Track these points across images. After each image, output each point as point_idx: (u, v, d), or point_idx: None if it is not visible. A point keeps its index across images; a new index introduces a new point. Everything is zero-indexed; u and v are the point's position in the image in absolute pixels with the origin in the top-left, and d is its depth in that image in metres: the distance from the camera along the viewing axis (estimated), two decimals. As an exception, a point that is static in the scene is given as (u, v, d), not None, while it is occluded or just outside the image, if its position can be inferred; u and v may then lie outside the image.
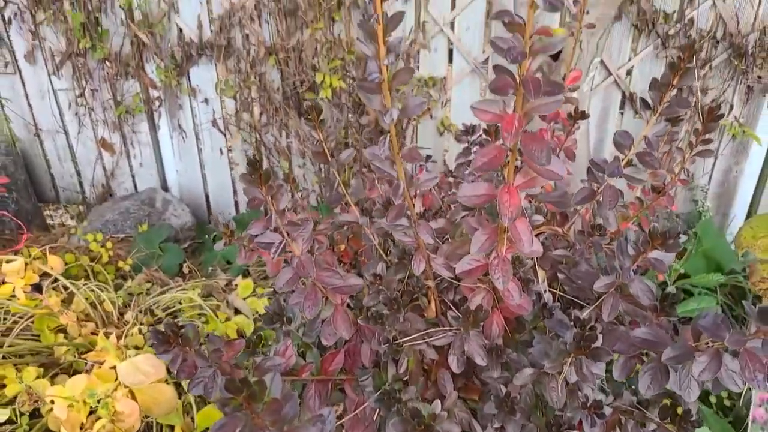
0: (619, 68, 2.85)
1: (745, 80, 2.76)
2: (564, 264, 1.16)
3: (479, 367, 1.12)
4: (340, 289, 1.14)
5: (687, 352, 0.92)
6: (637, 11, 2.69)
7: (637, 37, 2.80)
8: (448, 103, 3.01)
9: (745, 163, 3.00)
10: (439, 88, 2.96)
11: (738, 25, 2.63)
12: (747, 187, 3.04)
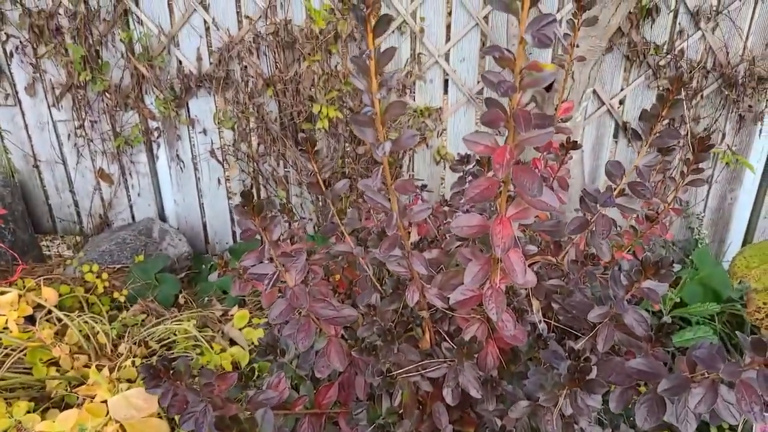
0: (612, 98, 2.89)
1: (736, 109, 2.79)
2: (558, 294, 1.16)
3: (474, 399, 1.11)
4: (334, 321, 1.14)
5: (683, 383, 0.91)
6: (628, 43, 2.74)
7: (629, 68, 2.85)
8: (444, 133, 3.04)
9: (740, 190, 3.02)
10: (435, 118, 2.99)
11: (727, 56, 2.68)
12: (742, 215, 3.05)
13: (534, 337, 1.10)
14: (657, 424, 0.98)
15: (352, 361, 1.19)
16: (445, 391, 1.06)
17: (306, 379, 1.26)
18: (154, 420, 1.50)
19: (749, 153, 2.93)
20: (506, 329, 1.01)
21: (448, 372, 1.02)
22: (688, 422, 0.92)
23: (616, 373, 1.01)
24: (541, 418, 0.95)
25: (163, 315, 2.45)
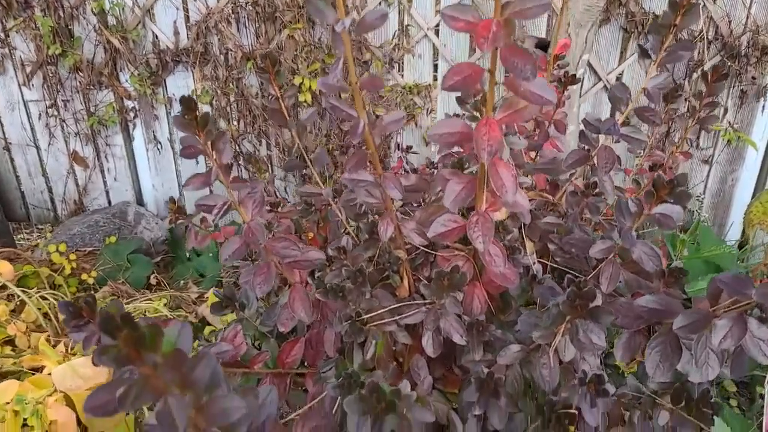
0: (608, 73, 2.77)
1: (738, 83, 2.67)
2: (555, 234, 1.02)
3: (459, 350, 0.96)
4: (298, 264, 0.99)
5: (704, 318, 0.77)
6: (625, 14, 2.62)
7: (626, 41, 2.72)
8: (434, 111, 2.91)
9: (742, 169, 2.89)
10: (424, 96, 2.86)
11: (730, 26, 2.56)
12: (744, 194, 2.92)
13: (527, 280, 0.95)
14: (670, 372, 0.83)
15: (320, 312, 1.04)
16: (424, 340, 0.91)
17: (269, 337, 1.11)
18: (106, 395, 1.34)
19: (751, 130, 2.81)
20: (495, 264, 0.86)
21: (427, 315, 0.87)
22: (709, 365, 0.77)
23: (623, 315, 0.86)
24: (535, 364, 0.80)
25: (134, 296, 2.29)
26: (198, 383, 0.55)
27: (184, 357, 0.52)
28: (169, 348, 0.52)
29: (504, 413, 0.82)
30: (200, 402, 0.58)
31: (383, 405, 0.67)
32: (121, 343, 0.48)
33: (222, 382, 0.62)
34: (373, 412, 0.68)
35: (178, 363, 0.52)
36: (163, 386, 0.53)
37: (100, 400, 0.51)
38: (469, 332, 0.87)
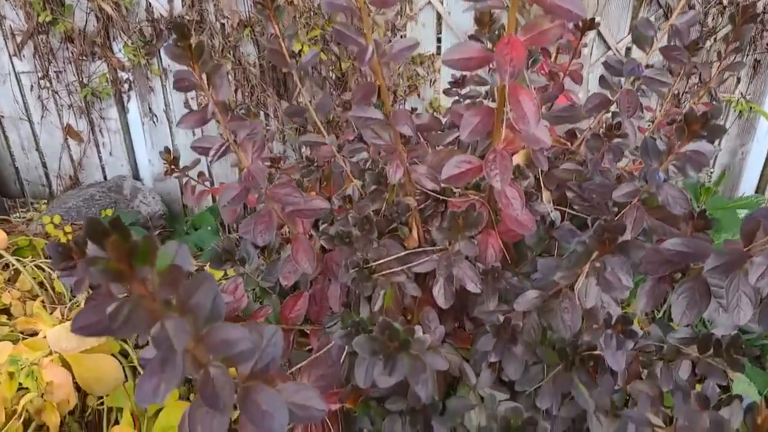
0: (618, 42, 2.70)
1: (753, 52, 2.60)
2: (573, 181, 0.96)
3: (471, 306, 0.92)
4: (301, 213, 0.94)
5: (738, 257, 0.71)
6: (635, -22, 2.55)
7: (637, 10, 2.65)
8: (437, 82, 2.84)
9: (752, 142, 2.83)
10: (427, 66, 2.79)
11: (742, -9, 2.49)
12: (754, 166, 2.86)
13: (544, 228, 0.90)
14: (697, 319, 0.78)
15: (324, 266, 0.99)
16: (435, 289, 0.86)
17: (272, 293, 1.06)
18: (104, 357, 1.29)
19: (764, 101, 2.74)
20: (512, 208, 0.81)
21: (439, 261, 0.82)
22: (741, 309, 0.72)
23: (647, 262, 0.81)
24: (555, 311, 0.75)
25: (130, 269, 2.23)
26: (198, 309, 0.50)
27: (182, 275, 0.47)
28: (166, 265, 0.47)
29: (520, 362, 0.77)
30: (200, 331, 0.53)
31: (396, 344, 0.62)
32: (110, 252, 0.42)
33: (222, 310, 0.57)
34: (385, 351, 0.63)
35: (176, 281, 0.47)
36: (160, 309, 0.48)
37: (88, 319, 0.46)
38: (483, 280, 0.82)
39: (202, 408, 0.57)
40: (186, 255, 0.50)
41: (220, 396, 0.53)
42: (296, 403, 0.64)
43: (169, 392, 0.49)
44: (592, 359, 0.66)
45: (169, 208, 3.05)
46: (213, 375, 0.54)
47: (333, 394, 0.78)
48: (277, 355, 0.64)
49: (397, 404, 0.83)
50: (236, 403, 0.60)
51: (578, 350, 0.67)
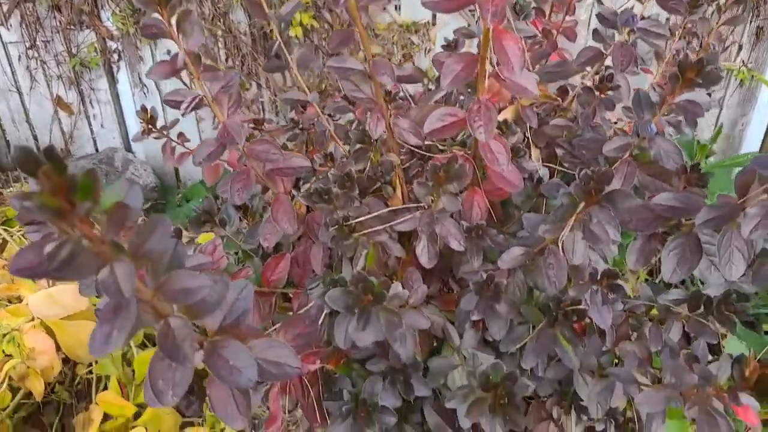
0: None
1: (755, 19, 2.54)
2: (563, 138, 0.93)
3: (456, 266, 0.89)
4: (281, 171, 0.90)
5: (731, 210, 0.68)
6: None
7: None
8: (432, 51, 2.78)
9: (753, 112, 2.79)
10: (422, 34, 2.73)
11: (745, -46, 2.42)
12: (754, 136, 2.82)
13: (532, 186, 0.87)
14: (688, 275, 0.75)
15: (306, 227, 0.96)
16: (418, 249, 0.83)
17: (253, 256, 1.03)
18: (89, 323, 1.27)
19: (766, 69, 2.69)
20: (497, 163, 0.78)
21: (421, 218, 0.79)
22: (733, 264, 0.70)
23: (637, 219, 0.78)
24: (540, 268, 0.73)
25: (121, 240, 2.21)
26: (153, 254, 0.47)
27: (130, 214, 0.44)
28: (112, 202, 0.44)
29: (504, 321, 0.75)
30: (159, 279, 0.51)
31: (370, 297, 0.60)
32: (44, 184, 0.39)
33: (183, 258, 0.54)
34: (359, 305, 0.60)
35: (123, 221, 0.44)
36: (108, 252, 0.45)
37: (27, 260, 0.43)
38: (467, 238, 0.79)
39: (164, 361, 0.55)
40: (138, 195, 0.47)
41: (180, 347, 0.51)
42: (269, 359, 0.62)
43: (123, 340, 0.47)
44: (576, 314, 0.64)
45: (162, 181, 3.02)
46: (174, 326, 0.52)
47: (312, 354, 0.76)
48: (247, 310, 0.61)
49: (378, 365, 0.80)
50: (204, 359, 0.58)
51: (562, 305, 0.65)
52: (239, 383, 0.56)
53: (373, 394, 0.78)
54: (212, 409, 0.61)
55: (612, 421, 0.98)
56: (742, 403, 0.52)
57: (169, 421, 1.43)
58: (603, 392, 0.75)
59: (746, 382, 0.50)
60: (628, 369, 0.68)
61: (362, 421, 0.76)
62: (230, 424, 0.60)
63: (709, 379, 0.55)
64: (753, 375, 0.49)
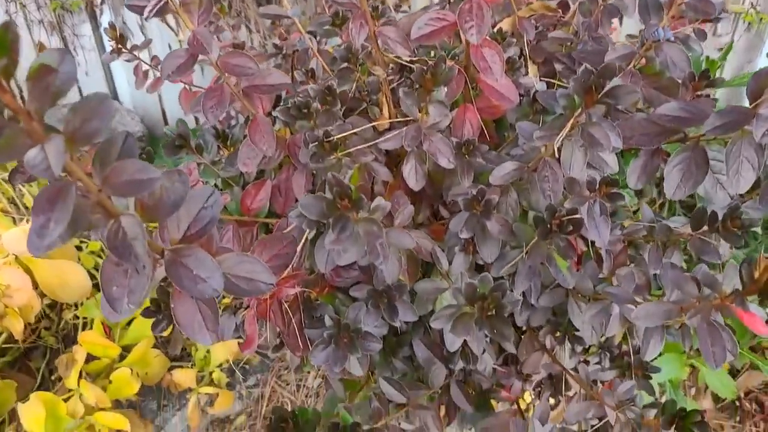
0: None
1: (764, -45, 2.42)
2: (563, 53, 0.86)
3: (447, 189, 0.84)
4: (258, 88, 0.84)
5: (741, 115, 0.63)
6: None
7: None
8: None
9: (759, 58, 2.69)
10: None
11: None
12: (761, 84, 2.74)
13: (528, 102, 0.81)
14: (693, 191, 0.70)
15: (287, 151, 0.90)
16: (406, 170, 0.78)
17: (234, 185, 0.98)
18: (69, 263, 1.23)
19: (774, 12, 2.58)
20: (491, 72, 0.71)
21: (407, 132, 0.73)
22: (741, 175, 0.64)
23: (641, 133, 0.72)
24: (534, 183, 0.67)
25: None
26: (92, 135, 0.42)
27: (56, 80, 0.38)
28: (35, 70, 0.38)
29: (496, 241, 0.70)
30: (104, 170, 0.46)
31: (346, 203, 0.55)
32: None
33: (134, 151, 0.49)
34: (335, 213, 0.55)
35: (49, 90, 0.38)
36: (38, 131, 0.39)
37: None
38: (457, 155, 0.74)
39: (117, 266, 0.50)
40: (71, 66, 0.41)
41: (131, 246, 0.46)
42: (239, 275, 0.57)
43: (60, 233, 0.42)
44: (572, 224, 0.59)
45: (150, 130, 2.94)
46: (124, 224, 0.47)
47: (290, 277, 0.71)
48: (214, 218, 0.56)
49: (362, 291, 0.76)
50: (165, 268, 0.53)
51: (557, 216, 0.60)
52: (204, 293, 0.52)
53: (356, 320, 0.74)
54: (178, 325, 0.57)
55: (607, 353, 0.95)
56: (749, 309, 0.47)
57: (156, 364, 1.41)
58: (598, 315, 0.71)
59: (756, 284, 0.45)
60: (625, 288, 0.64)
61: (345, 348, 0.73)
62: (198, 340, 0.56)
63: (713, 285, 0.51)
64: (764, 276, 0.45)
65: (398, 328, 1.00)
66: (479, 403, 0.97)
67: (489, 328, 0.51)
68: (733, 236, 0.64)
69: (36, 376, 1.61)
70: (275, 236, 0.73)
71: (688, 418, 0.59)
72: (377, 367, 0.99)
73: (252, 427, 1.69)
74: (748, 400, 1.73)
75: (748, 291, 0.47)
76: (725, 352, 0.51)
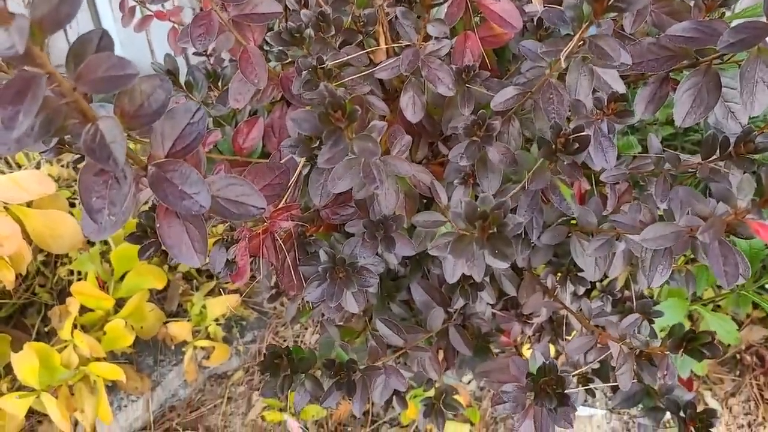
0: None
1: None
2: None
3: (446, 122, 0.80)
4: (249, 17, 0.80)
5: (759, 30, 0.59)
6: None
7: None
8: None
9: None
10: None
11: None
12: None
13: (533, 29, 0.77)
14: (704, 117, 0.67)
15: (281, 85, 0.87)
16: (404, 101, 0.75)
17: (225, 124, 0.95)
18: (60, 213, 1.20)
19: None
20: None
21: (404, 57, 0.69)
22: (756, 97, 0.61)
23: (650, 58, 0.69)
24: (539, 105, 0.64)
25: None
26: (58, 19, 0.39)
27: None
28: None
29: (497, 171, 0.67)
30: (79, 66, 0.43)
31: (340, 114, 0.51)
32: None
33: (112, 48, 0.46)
34: (329, 127, 0.52)
35: None
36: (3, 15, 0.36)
37: None
38: (457, 81, 0.70)
39: (97, 176, 0.47)
40: None
41: (110, 149, 0.43)
42: (228, 198, 0.55)
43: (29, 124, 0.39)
44: (578, 142, 0.56)
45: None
46: (102, 127, 0.44)
47: (283, 209, 0.69)
48: (201, 134, 0.53)
49: (358, 226, 0.74)
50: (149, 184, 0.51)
51: (561, 134, 0.57)
52: (191, 209, 0.49)
53: (352, 255, 0.72)
54: (165, 245, 0.54)
55: (609, 297, 0.93)
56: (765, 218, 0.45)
57: (151, 318, 1.40)
58: (602, 248, 0.68)
59: (773, 192, 0.43)
60: (631, 216, 0.61)
61: (341, 283, 0.70)
62: (185, 261, 0.53)
63: (728, 199, 0.48)
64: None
65: (395, 271, 0.98)
66: (478, 347, 0.96)
67: (490, 248, 0.49)
68: (746, 162, 0.61)
69: (31, 332, 1.60)
70: (267, 165, 0.70)
71: (698, 339, 0.57)
72: (374, 311, 0.97)
73: (249, 382, 1.69)
74: (749, 354, 1.73)
75: (766, 201, 0.44)
76: (737, 271, 0.49)
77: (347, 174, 0.61)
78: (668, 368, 0.62)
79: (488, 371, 0.92)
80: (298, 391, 0.81)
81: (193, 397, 1.67)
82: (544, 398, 0.60)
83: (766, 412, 1.71)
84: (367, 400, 0.82)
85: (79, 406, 1.28)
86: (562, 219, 0.79)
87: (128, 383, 1.40)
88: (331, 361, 0.74)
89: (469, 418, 1.56)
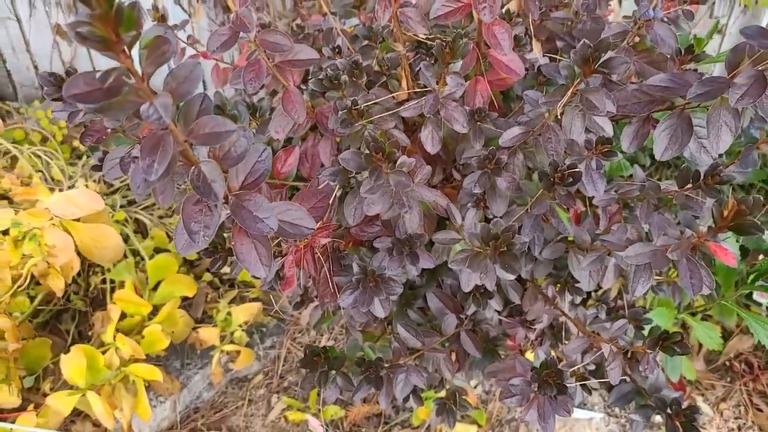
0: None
1: (762, -61, 2.49)
2: (565, 31, 0.95)
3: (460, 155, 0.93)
4: (291, 63, 0.93)
5: (720, 84, 0.72)
6: None
7: None
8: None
9: (756, 40, 2.77)
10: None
11: None
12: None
13: (533, 75, 0.90)
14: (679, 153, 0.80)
15: (315, 120, 1.00)
16: (423, 135, 0.88)
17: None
18: (104, 227, 1.33)
19: (771, -5, 2.65)
20: (500, 48, 0.81)
21: (425, 100, 0.83)
22: (720, 138, 0.74)
23: (633, 102, 0.82)
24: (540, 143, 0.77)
25: (127, 163, 2.25)
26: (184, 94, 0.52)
27: (167, 45, 0.48)
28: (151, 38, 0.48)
29: (504, 198, 0.80)
30: (190, 124, 0.55)
31: (380, 156, 0.64)
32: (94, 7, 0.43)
33: (210, 109, 0.58)
34: (371, 164, 0.65)
35: (162, 53, 0.48)
36: (147, 90, 0.49)
37: (78, 86, 0.47)
38: (470, 121, 0.83)
39: (196, 204, 0.60)
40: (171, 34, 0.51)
41: (211, 187, 0.56)
42: (286, 220, 0.68)
43: (162, 171, 0.51)
44: (572, 176, 0.68)
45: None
46: (204, 169, 0.57)
47: (323, 228, 0.81)
48: (267, 171, 0.66)
49: (385, 243, 0.86)
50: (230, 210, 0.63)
51: (558, 169, 0.69)
52: (262, 230, 0.62)
53: (380, 267, 0.84)
54: (238, 259, 0.66)
55: (603, 306, 1.06)
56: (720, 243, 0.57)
57: (182, 323, 1.52)
58: (595, 263, 0.81)
59: (724, 221, 0.55)
60: (618, 236, 0.74)
61: (371, 291, 0.83)
62: (254, 272, 0.66)
63: (691, 225, 0.60)
64: (731, 213, 0.54)
65: (413, 281, 1.10)
66: (487, 350, 1.08)
67: (501, 263, 0.61)
68: (713, 191, 0.73)
69: (66, 338, 1.73)
70: (311, 191, 0.83)
71: (670, 339, 0.69)
72: (394, 317, 1.09)
73: (269, 385, 1.81)
74: (738, 362, 1.85)
75: (719, 228, 0.56)
76: (702, 282, 0.61)
77: (380, 199, 0.73)
78: (648, 363, 0.74)
79: (496, 371, 1.04)
80: (329, 387, 0.93)
81: (216, 399, 1.79)
82: (546, 387, 0.72)
83: (755, 417, 1.82)
84: (392, 397, 0.94)
85: (117, 404, 1.40)
86: (560, 236, 0.92)
87: (161, 384, 1.52)
88: (361, 359, 0.86)
89: (476, 420, 1.67)
